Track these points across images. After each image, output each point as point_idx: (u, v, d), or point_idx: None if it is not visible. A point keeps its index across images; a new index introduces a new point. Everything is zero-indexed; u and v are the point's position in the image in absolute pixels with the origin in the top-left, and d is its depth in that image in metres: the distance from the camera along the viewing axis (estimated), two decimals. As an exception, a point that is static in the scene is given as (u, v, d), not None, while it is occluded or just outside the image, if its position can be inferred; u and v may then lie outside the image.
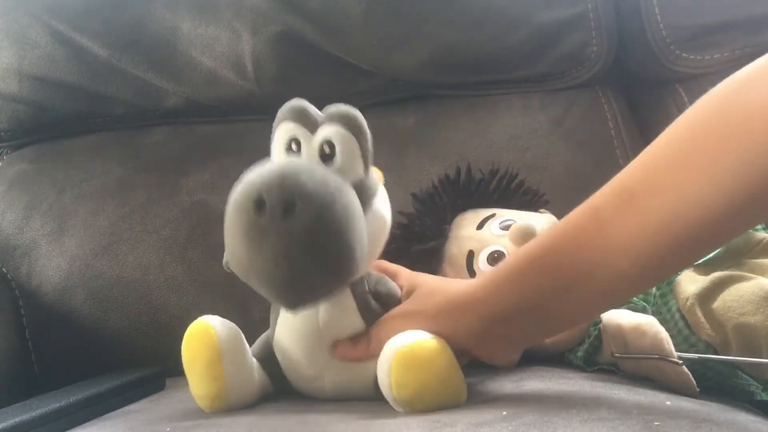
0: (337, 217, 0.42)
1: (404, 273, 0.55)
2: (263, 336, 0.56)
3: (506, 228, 0.64)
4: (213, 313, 0.54)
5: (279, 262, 0.42)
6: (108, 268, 0.78)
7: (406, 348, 0.46)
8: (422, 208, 0.71)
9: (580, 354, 0.59)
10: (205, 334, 0.51)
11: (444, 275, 0.65)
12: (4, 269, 0.81)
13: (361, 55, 0.83)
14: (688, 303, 0.54)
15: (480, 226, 0.66)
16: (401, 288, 0.53)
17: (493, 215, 0.67)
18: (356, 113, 0.48)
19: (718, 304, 0.52)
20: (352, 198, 0.44)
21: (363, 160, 0.48)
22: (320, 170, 0.44)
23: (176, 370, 0.55)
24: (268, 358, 0.54)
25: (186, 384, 0.54)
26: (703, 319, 0.52)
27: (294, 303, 0.46)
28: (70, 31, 0.85)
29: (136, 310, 0.77)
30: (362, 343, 0.50)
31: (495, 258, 0.63)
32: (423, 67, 0.84)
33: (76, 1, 0.86)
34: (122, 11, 0.85)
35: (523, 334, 0.49)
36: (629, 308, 0.57)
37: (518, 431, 0.38)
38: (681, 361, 0.48)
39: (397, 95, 0.87)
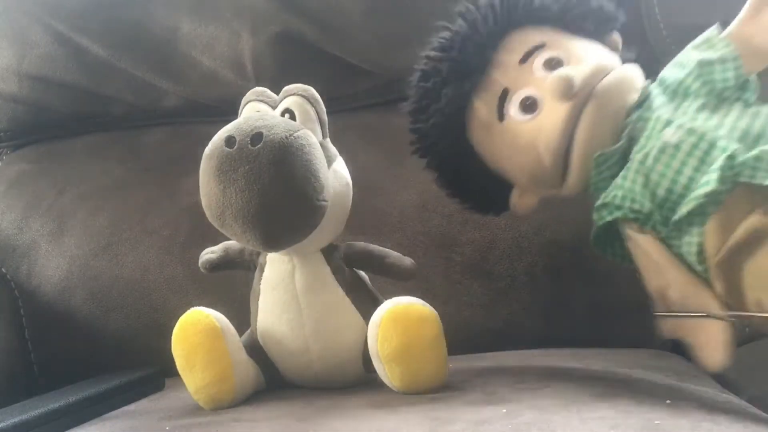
0: (300, 143, 0.47)
1: None
2: (246, 333, 0.58)
3: (551, 68, 0.51)
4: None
5: (252, 189, 0.45)
6: (107, 268, 0.78)
7: (399, 307, 0.49)
8: (466, 28, 0.57)
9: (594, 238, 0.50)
10: (201, 318, 0.52)
11: (474, 109, 0.54)
12: (3, 269, 0.81)
13: (361, 55, 0.83)
14: (715, 260, 0.43)
15: (524, 59, 0.53)
16: None
17: (542, 45, 0.53)
18: (309, 87, 0.54)
19: (751, 270, 0.41)
20: (311, 134, 0.49)
21: (320, 125, 0.54)
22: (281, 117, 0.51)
23: (176, 370, 0.55)
24: (256, 348, 0.56)
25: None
26: (723, 288, 0.43)
27: (269, 235, 0.47)
28: (70, 31, 0.85)
29: (135, 310, 0.77)
30: None
31: (527, 105, 0.51)
32: (423, 66, 0.83)
33: (76, 1, 0.85)
34: (122, 11, 0.85)
35: None
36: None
37: (518, 429, 0.38)
38: (733, 318, 0.41)
39: (397, 95, 0.87)
